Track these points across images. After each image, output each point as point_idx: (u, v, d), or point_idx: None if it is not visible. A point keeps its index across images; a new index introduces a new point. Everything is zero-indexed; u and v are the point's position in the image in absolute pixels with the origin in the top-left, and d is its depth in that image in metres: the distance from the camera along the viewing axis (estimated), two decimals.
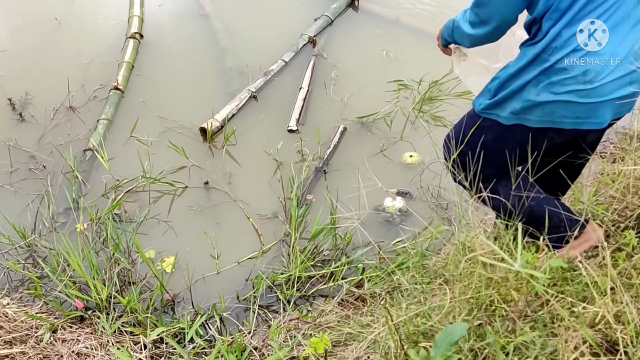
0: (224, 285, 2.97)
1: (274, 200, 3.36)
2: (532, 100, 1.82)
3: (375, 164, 3.58)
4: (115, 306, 2.77)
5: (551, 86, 1.78)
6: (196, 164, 3.56)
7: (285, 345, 2.40)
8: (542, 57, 1.77)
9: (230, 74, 4.22)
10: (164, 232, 3.22)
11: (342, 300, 2.76)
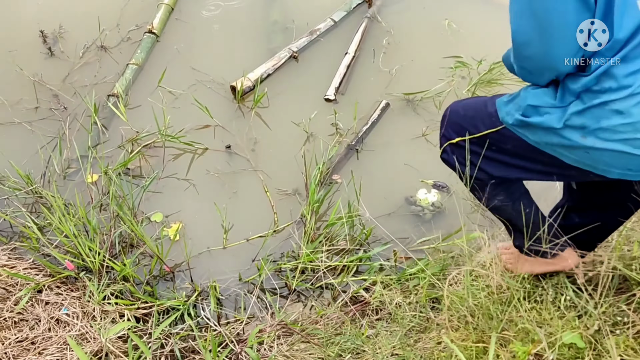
0: (228, 263, 2.76)
1: (297, 175, 3.09)
2: (575, 141, 1.46)
3: (415, 149, 3.25)
4: (110, 271, 2.60)
5: (601, 132, 1.43)
6: (221, 125, 3.31)
7: (266, 353, 2.17)
8: (589, 94, 1.42)
9: (274, 28, 3.90)
10: (175, 194, 3.02)
11: (346, 302, 2.49)
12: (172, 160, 3.18)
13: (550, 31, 1.34)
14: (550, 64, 1.41)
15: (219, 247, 2.80)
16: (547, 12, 1.32)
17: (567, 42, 1.35)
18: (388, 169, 3.14)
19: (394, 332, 2.16)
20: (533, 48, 1.40)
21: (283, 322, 2.29)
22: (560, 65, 1.40)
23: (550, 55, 1.39)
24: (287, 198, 3.02)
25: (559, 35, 1.35)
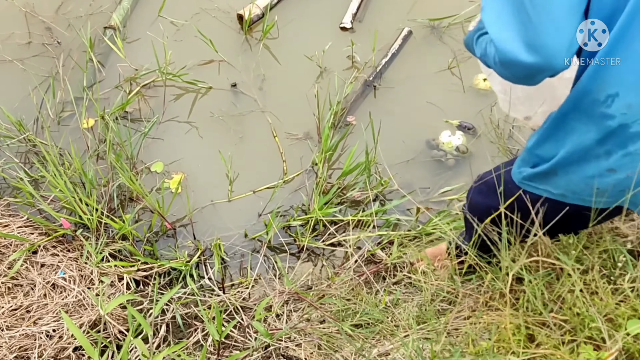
0: (233, 217, 2.57)
1: (309, 116, 2.82)
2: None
3: (439, 84, 2.94)
4: (108, 229, 2.44)
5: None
6: (226, 60, 3.02)
7: (274, 325, 2.01)
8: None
9: None
10: (176, 140, 2.80)
11: (360, 263, 2.30)
12: (173, 101, 2.93)
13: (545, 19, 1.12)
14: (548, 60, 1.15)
15: (224, 200, 2.60)
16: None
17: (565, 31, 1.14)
18: (408, 108, 2.85)
19: (415, 301, 1.97)
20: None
21: (294, 292, 2.11)
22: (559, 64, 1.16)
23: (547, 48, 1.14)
24: (298, 143, 2.77)
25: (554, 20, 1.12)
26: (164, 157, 2.73)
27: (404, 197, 2.44)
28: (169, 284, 2.37)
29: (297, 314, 2.09)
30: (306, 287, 2.29)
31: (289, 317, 2.11)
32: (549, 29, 1.13)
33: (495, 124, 2.73)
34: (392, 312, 1.97)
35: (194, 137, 2.81)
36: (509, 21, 1.15)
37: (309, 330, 1.94)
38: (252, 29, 3.15)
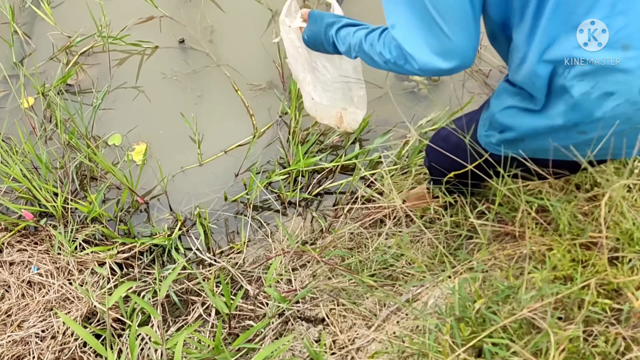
0: (208, 181, 2.40)
1: (269, 64, 2.65)
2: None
3: None
4: (76, 213, 2.23)
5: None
6: (167, 15, 2.77)
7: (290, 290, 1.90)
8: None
9: None
10: (130, 108, 2.57)
11: (350, 208, 2.21)
12: (117, 66, 2.68)
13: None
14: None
15: (194, 165, 2.43)
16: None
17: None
18: None
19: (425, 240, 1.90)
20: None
21: (299, 250, 2.00)
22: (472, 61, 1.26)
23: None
24: (262, 94, 2.60)
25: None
26: (120, 128, 2.50)
27: (386, 134, 2.35)
28: (152, 262, 2.21)
29: (304, 272, 1.99)
30: (301, 242, 2.19)
31: (294, 277, 2.00)
32: (462, 36, 1.20)
33: None
34: (404, 254, 1.90)
35: (148, 103, 2.58)
36: (423, 35, 1.21)
37: (323, 287, 1.84)
38: None
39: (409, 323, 1.59)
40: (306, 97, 1.77)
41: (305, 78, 1.73)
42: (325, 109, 1.77)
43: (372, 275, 1.81)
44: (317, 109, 1.78)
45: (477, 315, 1.34)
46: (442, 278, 1.68)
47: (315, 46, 1.60)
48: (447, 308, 1.43)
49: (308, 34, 1.58)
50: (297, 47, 1.66)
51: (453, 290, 1.36)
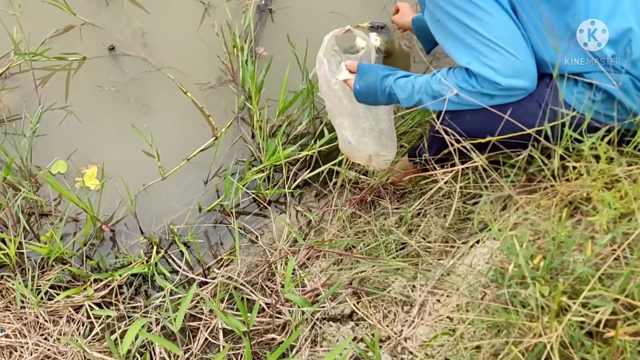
0: (176, 195, 2.17)
1: (213, 59, 2.44)
2: None
3: None
4: (32, 258, 1.94)
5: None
6: (89, 22, 2.49)
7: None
8: None
9: None
10: (67, 129, 2.28)
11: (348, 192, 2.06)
12: (41, 86, 2.37)
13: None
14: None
15: (157, 180, 2.19)
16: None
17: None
18: (313, 23, 2.56)
19: (432, 212, 1.79)
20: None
21: (314, 247, 1.82)
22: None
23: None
24: (214, 91, 2.39)
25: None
26: (61, 154, 2.22)
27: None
28: (135, 295, 1.96)
29: (313, 270, 1.82)
30: (293, 240, 2.02)
31: (316, 278, 1.82)
32: (526, 55, 1.40)
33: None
34: (416, 231, 1.78)
35: (89, 121, 2.31)
36: (499, 62, 1.38)
37: (343, 281, 1.68)
38: None
39: (452, 299, 1.47)
40: (342, 139, 1.84)
41: (342, 123, 1.79)
42: (360, 151, 1.83)
43: (393, 258, 1.68)
44: (352, 150, 1.84)
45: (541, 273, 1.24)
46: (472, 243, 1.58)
47: (366, 96, 1.65)
48: (498, 273, 1.32)
49: (361, 84, 1.64)
50: (341, 97, 1.73)
51: (509, 246, 1.25)
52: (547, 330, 1.12)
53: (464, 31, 1.41)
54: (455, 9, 1.42)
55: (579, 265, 1.16)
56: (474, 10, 1.39)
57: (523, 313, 1.17)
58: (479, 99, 1.44)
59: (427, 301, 1.53)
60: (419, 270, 1.58)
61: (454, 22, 1.43)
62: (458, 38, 1.43)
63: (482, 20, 1.39)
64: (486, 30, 1.38)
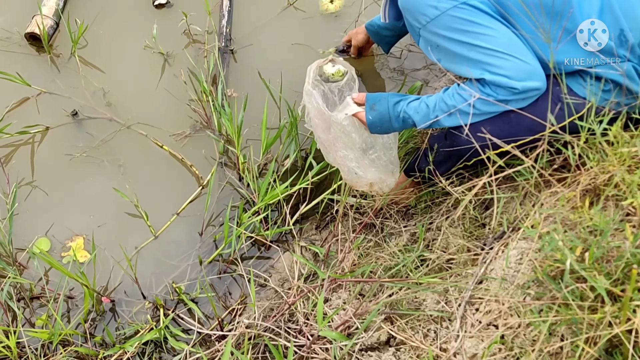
0: (172, 252, 2.08)
1: (183, 107, 2.38)
2: None
3: (289, 24, 2.68)
4: (31, 345, 1.80)
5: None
6: (45, 90, 2.39)
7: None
8: None
9: None
10: (42, 204, 2.16)
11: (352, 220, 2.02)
12: (4, 165, 2.24)
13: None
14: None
15: (149, 240, 2.09)
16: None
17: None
18: (278, 57, 2.55)
19: (445, 222, 1.77)
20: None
21: (336, 279, 1.76)
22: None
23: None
24: (191, 139, 2.32)
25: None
26: (39, 231, 2.09)
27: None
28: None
29: (335, 301, 1.76)
30: (305, 277, 1.95)
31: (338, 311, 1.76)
32: (531, 58, 1.43)
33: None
34: (433, 245, 1.75)
35: (65, 192, 2.19)
36: (510, 69, 1.42)
37: (371, 309, 1.63)
38: (52, 46, 2.53)
39: (492, 306, 1.45)
40: (348, 171, 1.79)
41: (347, 155, 1.75)
42: (365, 180, 1.80)
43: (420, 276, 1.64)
44: (358, 180, 1.81)
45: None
46: (498, 247, 1.57)
47: (380, 125, 1.65)
48: (544, 272, 1.31)
49: (373, 115, 1.64)
50: (350, 132, 1.70)
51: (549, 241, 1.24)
52: (617, 320, 1.11)
53: (468, 49, 1.44)
54: (453, 32, 1.45)
55: (630, 250, 1.16)
56: (472, 28, 1.42)
57: (585, 306, 1.16)
58: (495, 107, 1.45)
59: (467, 312, 1.50)
60: (450, 282, 1.55)
61: (456, 44, 1.45)
62: (464, 57, 1.45)
63: (483, 34, 1.42)
64: (490, 43, 1.41)
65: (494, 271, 1.53)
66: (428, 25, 1.47)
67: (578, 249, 1.25)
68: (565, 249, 1.21)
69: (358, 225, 2.01)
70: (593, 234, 1.29)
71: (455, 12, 1.42)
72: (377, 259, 1.83)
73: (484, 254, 1.57)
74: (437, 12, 1.44)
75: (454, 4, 1.42)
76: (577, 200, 1.39)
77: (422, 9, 1.46)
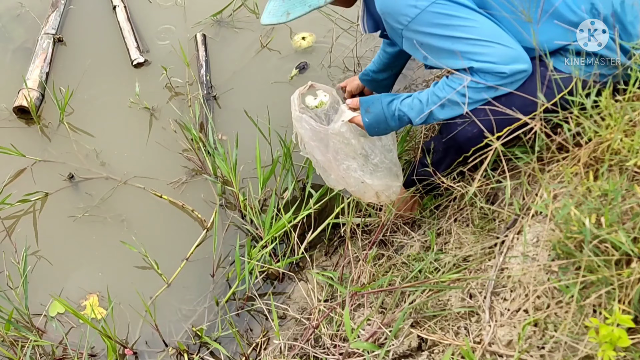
0: (186, 297, 2.08)
1: (176, 157, 2.42)
2: None
3: (266, 64, 2.76)
4: None
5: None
6: (39, 159, 2.41)
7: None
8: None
9: (3, 22, 2.91)
10: (52, 266, 2.15)
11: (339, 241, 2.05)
12: (9, 234, 2.22)
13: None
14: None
15: (163, 288, 2.08)
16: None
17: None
18: (260, 97, 2.61)
19: (457, 225, 1.80)
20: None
21: (357, 293, 1.76)
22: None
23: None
24: (188, 185, 2.35)
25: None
26: (53, 291, 2.07)
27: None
28: None
29: (359, 319, 1.76)
30: (323, 298, 1.96)
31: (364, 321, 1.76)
32: (514, 43, 1.49)
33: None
34: (446, 247, 1.78)
35: (71, 253, 2.18)
36: (496, 56, 1.47)
37: (397, 316, 1.64)
38: (40, 116, 2.56)
39: (518, 291, 1.47)
40: (354, 183, 1.81)
41: (350, 166, 1.78)
42: (372, 188, 1.81)
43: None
44: (366, 189, 1.82)
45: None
46: (512, 236, 1.60)
47: (377, 127, 1.68)
48: (562, 242, 1.34)
49: (369, 117, 1.67)
50: (349, 139, 1.73)
51: (562, 209, 1.28)
52: None
53: (452, 42, 1.49)
54: (435, 27, 1.50)
55: None
56: (453, 21, 1.48)
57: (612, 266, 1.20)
58: (486, 92, 1.50)
59: (493, 302, 1.52)
60: (472, 277, 1.58)
61: (439, 39, 1.51)
62: (449, 50, 1.50)
63: (464, 26, 1.47)
64: (472, 34, 1.47)
65: (512, 259, 1.56)
66: (410, 25, 1.52)
67: (593, 216, 1.29)
68: (581, 215, 1.25)
69: (368, 243, 2.03)
70: (604, 201, 1.34)
71: (434, 8, 1.47)
72: (393, 271, 1.84)
73: (499, 244, 1.60)
74: (417, 11, 1.49)
75: (432, 0, 1.48)
76: (581, 174, 1.44)
77: (402, 10, 1.51)
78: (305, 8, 1.67)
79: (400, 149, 2.16)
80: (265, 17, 1.76)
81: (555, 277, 1.39)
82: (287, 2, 1.70)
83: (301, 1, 1.68)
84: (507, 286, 1.52)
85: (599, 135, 1.44)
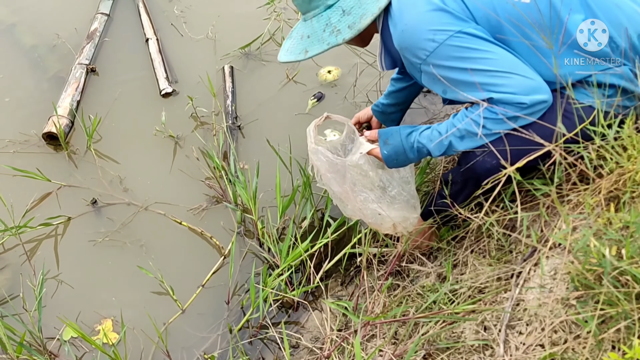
0: (200, 324, 2.06)
1: (197, 184, 2.44)
2: None
3: (291, 96, 2.79)
4: None
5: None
6: (65, 184, 2.45)
7: None
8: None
9: (39, 53, 3.02)
10: (71, 290, 2.17)
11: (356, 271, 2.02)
12: (30, 259, 2.26)
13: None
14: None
15: (177, 314, 2.07)
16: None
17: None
18: (283, 128, 2.63)
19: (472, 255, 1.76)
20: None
21: (370, 322, 1.73)
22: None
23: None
24: (208, 212, 2.36)
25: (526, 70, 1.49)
26: (68, 315, 2.07)
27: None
28: None
29: (371, 350, 1.72)
30: (336, 327, 1.92)
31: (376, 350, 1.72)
32: (534, 74, 1.47)
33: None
34: (461, 278, 1.74)
35: (88, 276, 2.20)
36: (516, 87, 1.45)
37: (409, 347, 1.59)
38: (69, 142, 2.62)
39: (535, 325, 1.42)
40: (370, 214, 1.79)
41: (368, 197, 1.76)
42: (389, 220, 1.79)
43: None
44: (382, 222, 1.80)
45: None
46: (529, 268, 1.55)
47: (396, 159, 1.67)
48: (580, 275, 1.29)
49: (388, 149, 1.66)
50: (367, 171, 1.72)
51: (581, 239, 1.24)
52: None
53: (470, 74, 1.48)
54: (453, 60, 1.49)
55: None
56: (471, 54, 1.47)
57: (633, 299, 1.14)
58: (505, 125, 1.48)
59: (508, 336, 1.47)
60: (487, 308, 1.53)
61: (458, 72, 1.50)
62: (468, 83, 1.49)
63: (483, 58, 1.46)
64: (490, 65, 1.46)
65: (529, 291, 1.51)
66: (428, 59, 1.53)
67: (614, 248, 1.24)
68: (601, 246, 1.20)
69: (383, 273, 1.99)
70: (625, 233, 1.29)
71: (452, 42, 1.48)
72: (407, 302, 1.80)
73: (515, 276, 1.55)
74: (435, 45, 1.49)
75: (450, 33, 1.48)
76: (602, 205, 1.40)
77: (420, 44, 1.52)
78: (323, 46, 1.69)
79: (420, 180, 2.14)
80: (283, 55, 1.79)
81: (573, 311, 1.34)
82: (306, 40, 1.72)
83: (320, 39, 1.70)
84: (522, 319, 1.46)
85: (621, 166, 1.40)
